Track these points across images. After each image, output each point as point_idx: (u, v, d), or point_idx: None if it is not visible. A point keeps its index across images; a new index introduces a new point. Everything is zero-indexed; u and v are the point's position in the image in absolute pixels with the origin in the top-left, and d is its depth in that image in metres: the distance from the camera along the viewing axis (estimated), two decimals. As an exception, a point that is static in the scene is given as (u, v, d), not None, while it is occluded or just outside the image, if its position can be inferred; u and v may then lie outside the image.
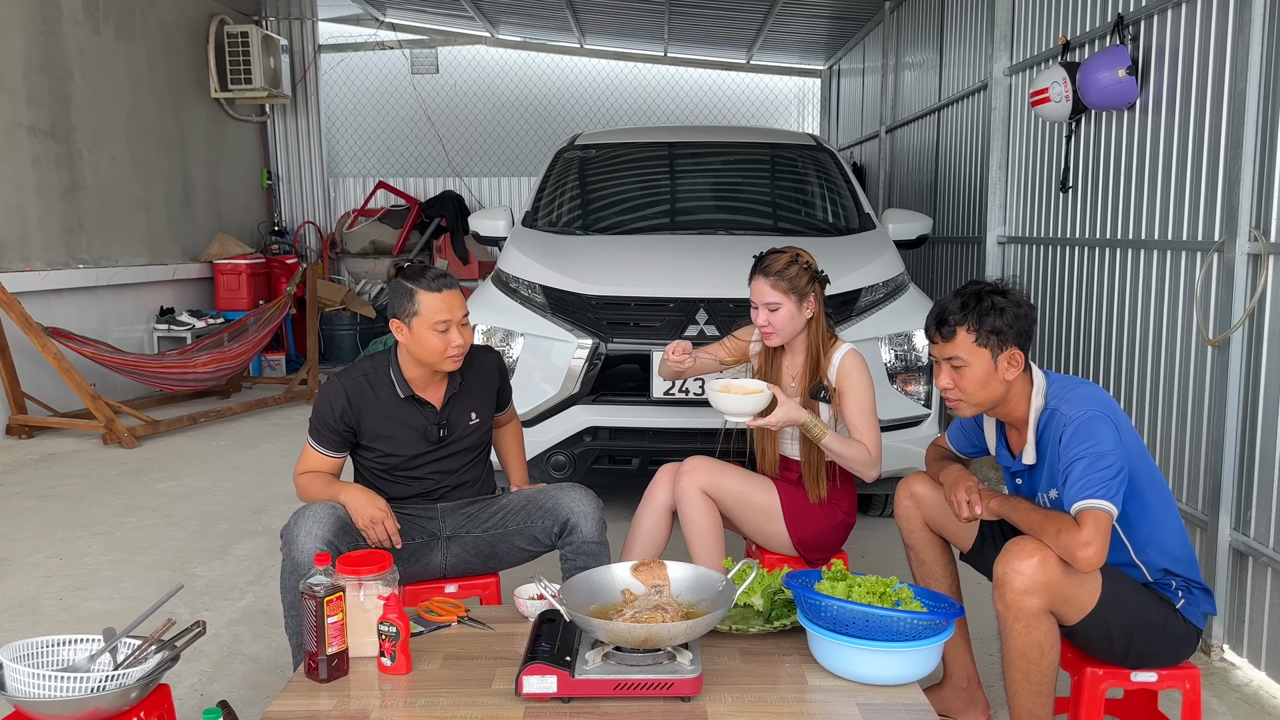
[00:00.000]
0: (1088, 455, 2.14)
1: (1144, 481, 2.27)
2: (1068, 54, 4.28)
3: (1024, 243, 4.95)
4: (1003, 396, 2.32)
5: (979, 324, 2.27)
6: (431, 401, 2.71)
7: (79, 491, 5.12)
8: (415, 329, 2.58)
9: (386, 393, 2.68)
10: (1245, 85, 3.00)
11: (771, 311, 2.85)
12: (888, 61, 8.02)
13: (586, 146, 5.37)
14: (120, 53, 7.71)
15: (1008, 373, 2.29)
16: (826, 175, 5.17)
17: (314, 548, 2.41)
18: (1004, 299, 2.28)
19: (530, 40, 10.84)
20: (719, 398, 2.74)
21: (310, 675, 2.12)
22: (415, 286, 2.57)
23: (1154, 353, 3.64)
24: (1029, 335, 2.31)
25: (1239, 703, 2.86)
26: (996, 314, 2.26)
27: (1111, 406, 2.25)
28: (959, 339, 2.29)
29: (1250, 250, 3.02)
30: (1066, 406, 2.24)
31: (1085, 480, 2.13)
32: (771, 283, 2.83)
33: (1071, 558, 2.10)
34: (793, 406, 2.74)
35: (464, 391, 2.77)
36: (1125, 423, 2.26)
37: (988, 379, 2.29)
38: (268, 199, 10.37)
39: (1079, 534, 2.09)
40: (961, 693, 2.66)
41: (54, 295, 6.81)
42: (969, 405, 2.34)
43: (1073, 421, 2.19)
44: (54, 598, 3.67)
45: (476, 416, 2.79)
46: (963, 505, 2.36)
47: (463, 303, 2.62)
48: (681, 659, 2.05)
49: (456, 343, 2.58)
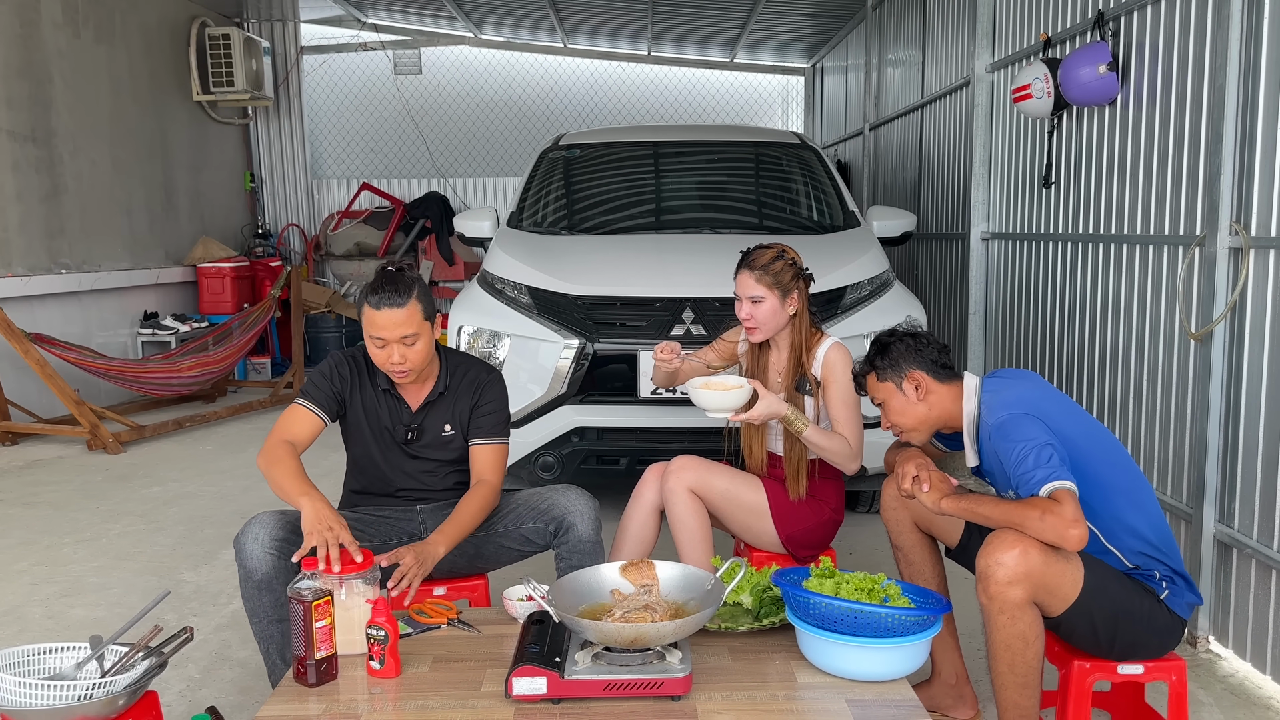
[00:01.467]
0: (1030, 450, 2.20)
1: (1101, 466, 2.30)
2: (1049, 50, 4.31)
3: (1007, 239, 4.97)
4: (927, 416, 2.47)
5: (873, 366, 2.52)
6: (408, 401, 2.71)
7: (64, 498, 5.09)
8: (365, 336, 2.60)
9: (373, 380, 2.71)
10: (1225, 80, 3.03)
11: (754, 305, 2.87)
12: (871, 59, 8.04)
13: (571, 146, 5.36)
14: (100, 56, 7.66)
15: (917, 394, 2.46)
16: (811, 173, 5.18)
17: (261, 554, 2.41)
18: (891, 338, 2.53)
19: (514, 40, 10.82)
20: (700, 394, 2.75)
21: (299, 680, 2.12)
22: (364, 297, 2.56)
23: (1137, 347, 3.66)
24: (929, 358, 2.47)
25: (1225, 694, 2.88)
26: (884, 352, 2.50)
27: (1034, 403, 2.32)
28: (870, 384, 2.54)
29: (1231, 244, 3.05)
30: (988, 414, 2.36)
31: (1039, 469, 2.17)
32: (756, 277, 2.86)
33: (1063, 538, 2.12)
34: (774, 400, 2.76)
35: (443, 401, 2.72)
36: (1062, 411, 2.33)
37: (904, 406, 2.48)
38: (251, 202, 10.33)
39: (1064, 512, 2.12)
40: (950, 689, 2.67)
41: (36, 301, 6.76)
42: (913, 433, 2.52)
43: (996, 430, 2.30)
44: (40, 605, 3.65)
45: (451, 430, 2.73)
46: (907, 478, 2.42)
47: (406, 322, 2.52)
48: (671, 658, 2.05)
49: (394, 360, 2.55)
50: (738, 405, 2.74)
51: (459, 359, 2.79)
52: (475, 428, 2.73)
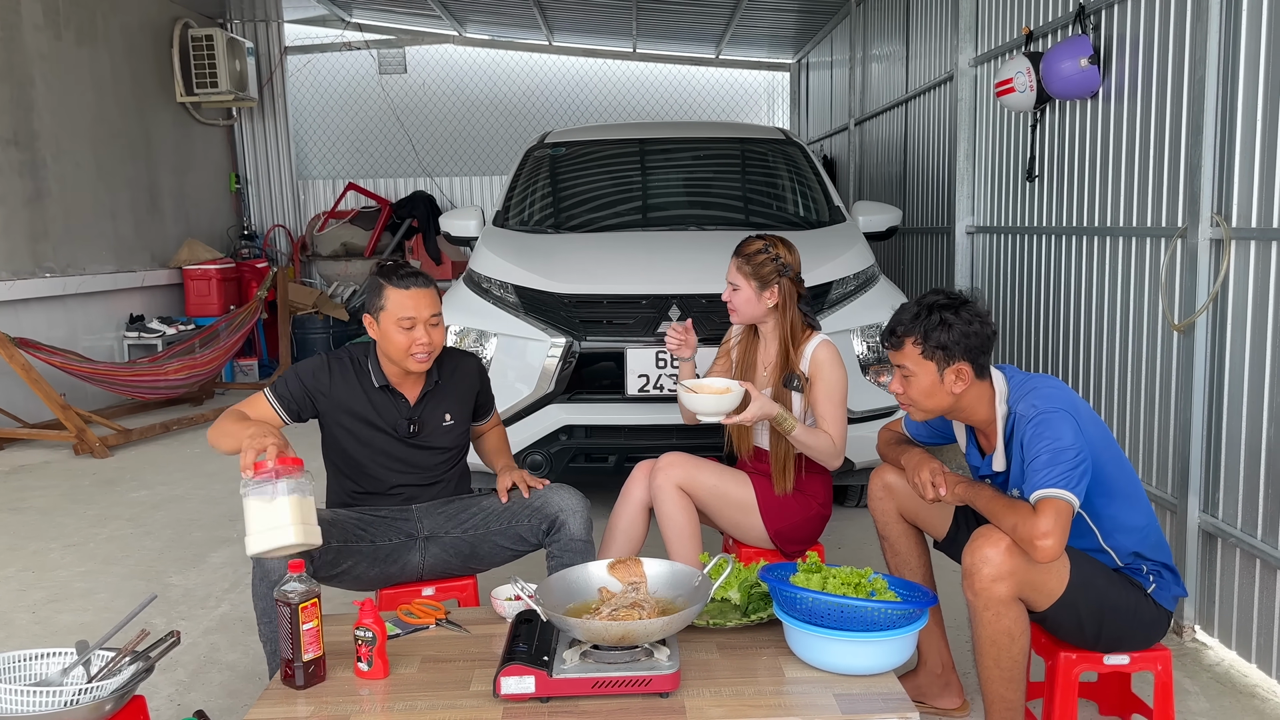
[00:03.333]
0: (1048, 450, 2.17)
1: (1110, 469, 2.29)
2: (1031, 44, 4.32)
3: (992, 232, 4.99)
4: (951, 406, 2.35)
5: (925, 338, 2.29)
6: (406, 395, 2.73)
7: (51, 503, 5.06)
8: (383, 324, 2.62)
9: (365, 380, 2.71)
10: (1204, 73, 3.04)
11: (733, 291, 2.94)
12: (855, 54, 8.06)
13: (556, 144, 5.36)
14: (82, 58, 7.62)
15: (955, 386, 2.30)
16: (796, 169, 5.19)
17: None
18: (955, 315, 2.28)
19: (498, 38, 10.80)
20: (692, 398, 2.76)
21: (287, 682, 2.12)
22: (385, 282, 2.61)
23: (1121, 339, 3.68)
24: (982, 350, 2.30)
25: (1211, 682, 2.91)
26: (944, 329, 2.27)
27: (1069, 400, 2.28)
28: (906, 349, 2.33)
29: (1212, 235, 3.07)
30: (1024, 408, 2.26)
31: (1047, 472, 2.15)
32: (737, 264, 2.92)
33: (1030, 547, 2.12)
34: (765, 401, 2.76)
35: (440, 391, 2.78)
36: (1086, 414, 2.28)
37: (933, 390, 2.32)
38: (236, 203, 10.29)
39: (1037, 523, 2.11)
40: (936, 678, 2.69)
41: (21, 305, 6.72)
42: (918, 411, 2.39)
43: (1032, 422, 2.23)
44: (27, 611, 3.63)
45: (451, 418, 2.80)
46: (927, 487, 2.39)
47: (433, 303, 2.64)
48: (659, 655, 2.06)
49: (421, 340, 2.60)
50: (730, 409, 2.75)
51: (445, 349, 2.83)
52: (480, 410, 2.95)
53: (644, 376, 3.92)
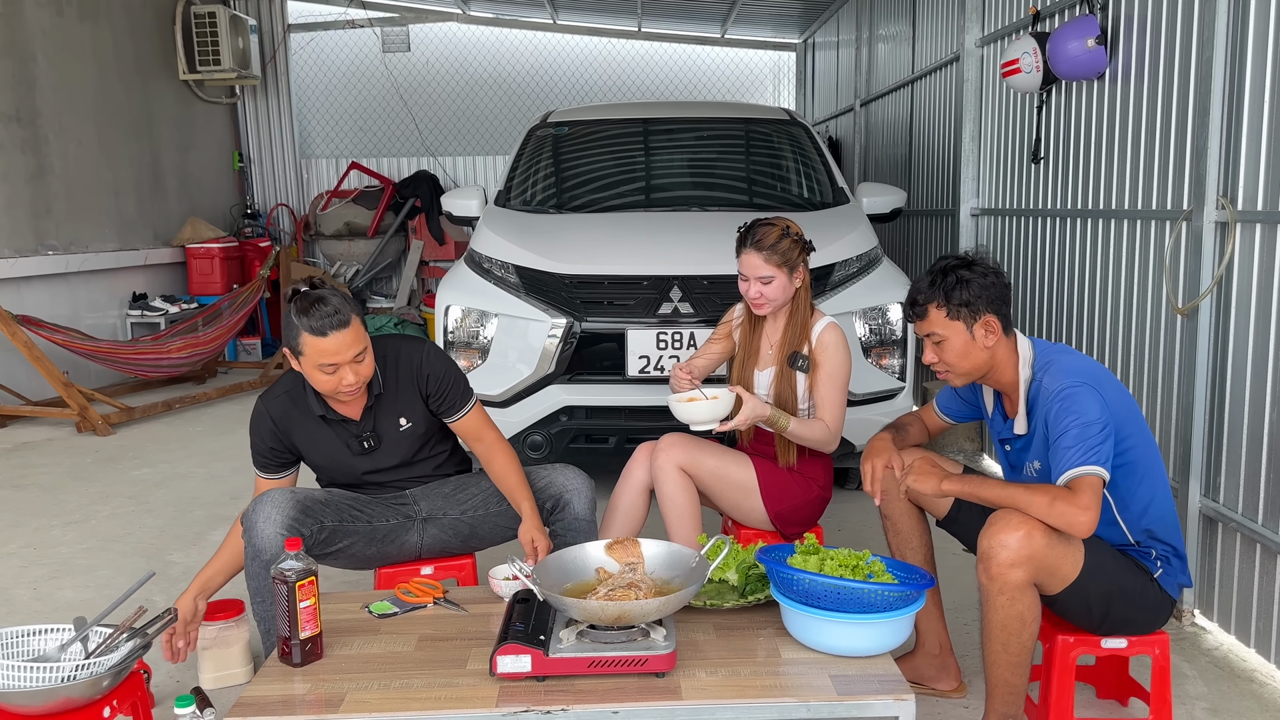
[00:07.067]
0: (1075, 425, 2.17)
1: (1131, 441, 2.29)
2: (1038, 24, 4.28)
3: (997, 214, 4.96)
4: (988, 362, 2.36)
5: (947, 299, 2.33)
6: (349, 416, 2.62)
7: (53, 480, 5.08)
8: (304, 365, 2.43)
9: (307, 410, 2.60)
10: (1211, 54, 3.01)
11: (765, 284, 2.86)
12: (861, 34, 8.00)
13: (559, 124, 5.33)
14: (85, 35, 7.59)
15: (986, 340, 2.33)
16: (800, 149, 5.16)
17: (274, 533, 2.40)
18: (969, 271, 2.33)
19: (502, 17, 10.73)
20: (683, 409, 2.75)
21: (284, 659, 2.12)
22: (299, 325, 2.36)
23: (1125, 321, 3.66)
24: (1004, 300, 2.35)
25: (1209, 666, 2.90)
26: (963, 286, 2.31)
27: (1094, 373, 2.28)
28: (931, 316, 2.35)
29: (1217, 218, 3.04)
30: (1050, 380, 2.27)
31: (1076, 448, 2.15)
32: (765, 257, 2.84)
33: (1071, 525, 2.12)
34: (756, 403, 2.76)
35: (386, 398, 2.63)
36: (1110, 384, 2.28)
37: (967, 349, 2.34)
38: (239, 181, 10.27)
39: (1078, 499, 2.11)
40: (934, 660, 2.69)
41: (23, 282, 6.73)
42: (957, 376, 2.40)
43: (1058, 397, 2.23)
44: (28, 587, 3.65)
45: (407, 421, 2.67)
46: (866, 478, 2.47)
47: (356, 340, 2.40)
48: (655, 635, 2.06)
49: (348, 381, 2.42)
50: (721, 416, 2.74)
51: (380, 345, 2.63)
52: (444, 409, 2.68)
53: (645, 358, 3.91)
